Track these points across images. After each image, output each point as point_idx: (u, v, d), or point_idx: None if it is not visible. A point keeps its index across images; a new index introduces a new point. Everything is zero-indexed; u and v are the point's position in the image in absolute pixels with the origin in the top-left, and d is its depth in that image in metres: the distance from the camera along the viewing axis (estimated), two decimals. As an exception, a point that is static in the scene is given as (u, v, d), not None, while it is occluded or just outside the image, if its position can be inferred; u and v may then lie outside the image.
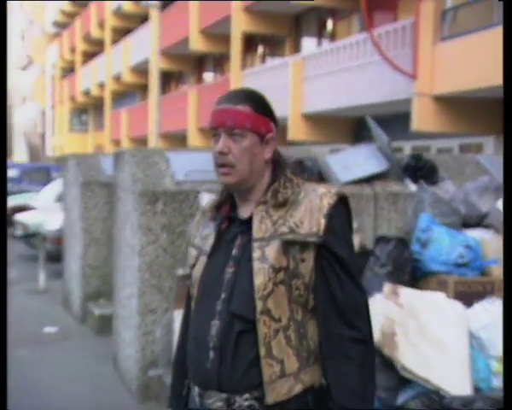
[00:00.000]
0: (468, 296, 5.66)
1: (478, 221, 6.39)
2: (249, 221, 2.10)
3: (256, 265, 2.02)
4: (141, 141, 31.51)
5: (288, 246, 2.03)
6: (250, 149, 2.08)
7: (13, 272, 13.03)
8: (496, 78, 12.14)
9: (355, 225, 6.13)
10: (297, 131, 18.17)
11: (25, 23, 59.89)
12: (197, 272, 2.18)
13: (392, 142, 16.13)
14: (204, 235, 2.22)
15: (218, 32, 23.24)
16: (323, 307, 2.06)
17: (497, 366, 5.22)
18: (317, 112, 17.91)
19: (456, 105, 13.53)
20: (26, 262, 14.78)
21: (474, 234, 6.14)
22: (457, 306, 5.52)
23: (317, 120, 18.24)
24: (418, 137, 14.77)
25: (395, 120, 16.49)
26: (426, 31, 13.52)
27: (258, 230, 2.06)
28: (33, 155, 48.69)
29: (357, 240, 5.97)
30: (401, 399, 5.02)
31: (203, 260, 2.17)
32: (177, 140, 26.09)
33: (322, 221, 2.03)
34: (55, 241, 12.45)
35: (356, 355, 2.05)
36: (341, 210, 2.10)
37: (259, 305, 2.00)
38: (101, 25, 37.43)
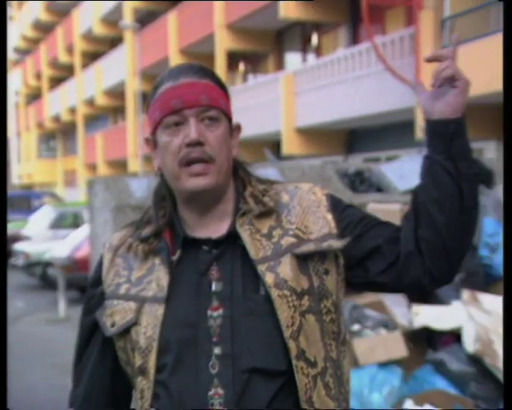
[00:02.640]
0: (540, 299, 5.69)
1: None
2: (224, 242, 1.53)
3: (275, 293, 1.45)
4: (119, 164, 31.37)
5: (305, 260, 1.51)
6: (226, 138, 1.54)
7: (19, 303, 12.86)
8: (495, 84, 12.37)
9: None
10: (291, 145, 18.24)
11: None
12: (149, 329, 1.49)
13: (388, 151, 16.35)
14: (136, 278, 1.55)
15: (198, 51, 23.24)
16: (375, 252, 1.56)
17: None
18: (311, 125, 18.02)
19: (460, 112, 13.71)
20: (30, 292, 14.55)
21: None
22: (536, 308, 5.55)
23: (311, 134, 18.35)
24: (421, 144, 14.91)
25: (388, 129, 16.71)
26: (426, 40, 13.70)
27: (255, 248, 1.50)
28: None
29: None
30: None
31: (156, 309, 1.49)
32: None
33: (329, 216, 1.55)
34: (63, 268, 12.21)
35: None
36: (337, 197, 1.65)
37: (293, 347, 1.44)
38: (70, 49, 37.36)
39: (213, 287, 1.50)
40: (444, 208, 1.49)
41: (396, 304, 5.49)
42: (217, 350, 1.45)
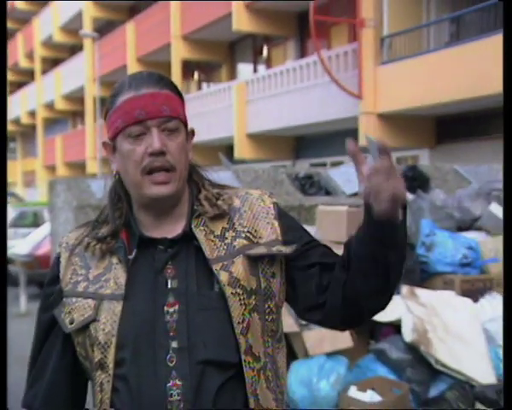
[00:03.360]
0: (472, 293, 5.85)
1: (470, 224, 6.63)
2: (180, 241, 1.52)
3: (228, 291, 1.46)
4: (78, 166, 31.05)
5: (255, 262, 1.52)
6: (184, 146, 1.53)
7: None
8: (427, 98, 12.66)
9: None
10: (242, 150, 18.29)
11: None
12: (107, 325, 1.47)
13: (332, 157, 16.51)
14: (94, 276, 1.53)
15: (155, 60, 23.14)
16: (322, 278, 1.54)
17: (505, 355, 5.42)
18: (261, 132, 18.08)
19: (397, 122, 13.94)
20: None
21: (471, 236, 6.37)
22: (468, 302, 5.71)
23: (261, 140, 18.41)
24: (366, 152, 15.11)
25: (333, 136, 16.88)
26: (367, 55, 13.91)
27: (209, 248, 1.50)
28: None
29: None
30: (433, 392, 5.15)
31: (115, 306, 1.48)
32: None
33: (276, 223, 1.55)
34: (24, 265, 12.05)
35: None
36: (281, 207, 1.64)
37: (243, 342, 1.46)
38: (30, 55, 36.93)
39: (169, 284, 1.49)
40: (369, 283, 1.49)
41: (342, 298, 5.58)
42: (174, 344, 1.45)
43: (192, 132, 1.60)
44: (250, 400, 1.46)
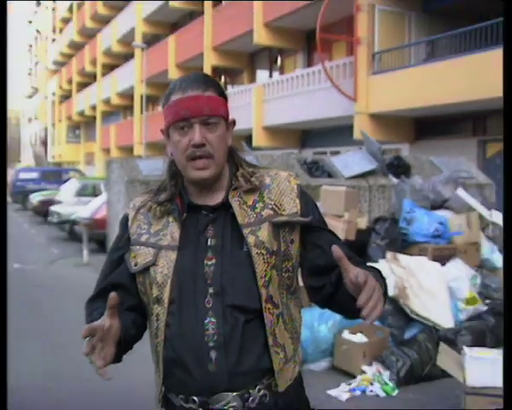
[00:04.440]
0: (440, 259, 5.84)
1: (441, 205, 6.59)
2: (219, 209, 1.52)
3: (254, 251, 1.47)
4: (127, 149, 31.04)
5: (278, 229, 1.50)
6: (223, 137, 1.52)
7: (54, 250, 12.74)
8: (408, 103, 12.57)
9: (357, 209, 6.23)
10: (259, 139, 18.21)
11: (32, 63, 59.07)
12: (165, 269, 1.49)
13: (332, 148, 16.38)
14: (154, 231, 1.54)
15: (190, 66, 23.00)
16: (330, 267, 1.49)
17: (463, 306, 5.42)
18: (274, 125, 17.99)
19: (385, 121, 13.83)
20: (62, 242, 14.40)
21: (441, 214, 6.33)
22: (437, 266, 5.69)
23: (274, 131, 18.32)
24: (358, 144, 15.06)
25: (333, 131, 16.77)
26: (361, 66, 13.76)
27: (242, 216, 1.50)
28: (38, 162, 47.29)
29: (364, 220, 6.06)
30: (407, 335, 5.15)
31: (171, 255, 1.50)
32: (159, 148, 25.73)
33: (298, 201, 1.54)
34: (86, 226, 12.12)
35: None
36: (304, 189, 1.62)
37: (264, 293, 1.47)
38: (94, 62, 36.84)
39: (209, 242, 1.50)
40: (345, 311, 1.51)
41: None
42: (211, 290, 1.46)
43: (233, 122, 1.59)
44: (269, 338, 1.47)
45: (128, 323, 1.49)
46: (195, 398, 1.46)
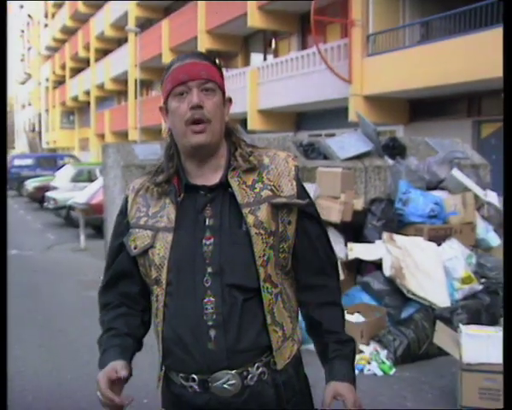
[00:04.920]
0: (436, 239, 5.86)
1: (436, 185, 6.60)
2: (216, 189, 1.52)
3: (253, 231, 1.47)
4: (122, 134, 30.90)
5: (276, 209, 1.50)
6: (219, 105, 1.51)
7: (51, 236, 12.73)
8: (403, 84, 12.55)
9: (353, 191, 6.24)
10: (254, 123, 18.15)
11: (24, 49, 58.55)
12: (162, 251, 1.50)
13: (327, 130, 16.36)
14: (152, 213, 1.55)
15: (184, 50, 22.78)
16: (307, 260, 1.57)
17: (458, 285, 5.45)
18: (269, 108, 17.92)
19: (379, 102, 13.81)
20: (58, 228, 14.37)
21: (437, 194, 6.34)
22: (433, 245, 5.71)
23: (269, 115, 18.27)
24: (353, 126, 15.05)
25: (328, 113, 16.74)
26: (356, 48, 13.71)
27: (241, 195, 1.50)
28: (32, 148, 47.14)
29: (360, 201, 6.07)
30: (404, 314, 5.18)
31: (167, 236, 1.50)
32: (154, 133, 25.63)
33: (294, 183, 1.54)
34: (82, 211, 12.10)
35: (339, 301, 1.63)
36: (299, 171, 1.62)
37: (262, 272, 1.47)
38: (87, 47, 36.55)
39: (207, 222, 1.49)
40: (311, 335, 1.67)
41: (336, 242, 5.56)
42: (209, 269, 1.46)
43: (230, 100, 1.58)
44: (267, 316, 1.48)
45: (138, 335, 1.60)
46: (195, 376, 1.48)
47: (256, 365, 1.48)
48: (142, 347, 1.63)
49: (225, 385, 1.46)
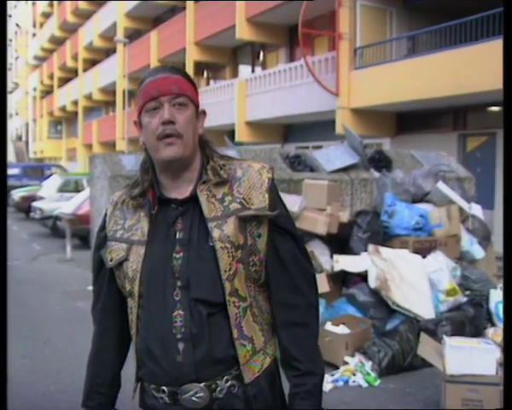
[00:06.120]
0: (421, 251, 5.90)
1: (422, 198, 6.66)
2: (188, 202, 1.52)
3: (218, 245, 1.46)
4: (109, 144, 30.83)
5: (244, 223, 1.49)
6: (192, 119, 1.51)
7: (37, 246, 12.65)
8: (389, 98, 12.66)
9: (339, 203, 6.28)
10: (242, 134, 18.17)
11: (12, 58, 58.39)
12: (134, 264, 1.52)
13: (314, 142, 16.43)
14: (128, 226, 1.56)
15: (172, 61, 22.87)
16: (278, 277, 1.55)
17: (443, 297, 5.50)
18: (257, 120, 17.95)
19: (366, 115, 13.91)
20: (44, 238, 14.29)
21: (422, 207, 6.41)
22: (418, 258, 5.76)
23: (256, 126, 18.28)
24: (340, 138, 15.14)
25: (315, 125, 16.83)
26: (343, 61, 13.80)
27: (208, 209, 1.49)
28: (19, 157, 46.81)
29: (346, 214, 6.12)
30: (389, 326, 5.22)
31: (140, 250, 1.51)
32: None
33: (267, 196, 1.52)
34: (69, 221, 12.05)
35: (310, 322, 1.57)
36: (275, 183, 1.60)
37: (228, 286, 1.47)
38: (75, 57, 36.44)
39: (177, 235, 1.50)
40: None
41: (322, 254, 5.60)
42: (179, 283, 1.47)
43: (203, 113, 1.58)
44: (234, 330, 1.48)
45: (116, 373, 1.70)
46: (165, 388, 1.50)
47: (225, 378, 1.48)
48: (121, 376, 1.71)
49: (194, 398, 1.47)
